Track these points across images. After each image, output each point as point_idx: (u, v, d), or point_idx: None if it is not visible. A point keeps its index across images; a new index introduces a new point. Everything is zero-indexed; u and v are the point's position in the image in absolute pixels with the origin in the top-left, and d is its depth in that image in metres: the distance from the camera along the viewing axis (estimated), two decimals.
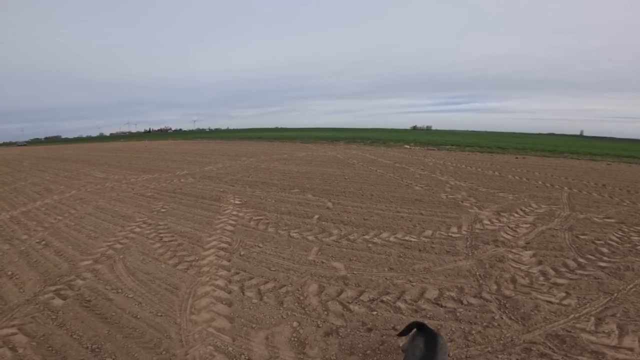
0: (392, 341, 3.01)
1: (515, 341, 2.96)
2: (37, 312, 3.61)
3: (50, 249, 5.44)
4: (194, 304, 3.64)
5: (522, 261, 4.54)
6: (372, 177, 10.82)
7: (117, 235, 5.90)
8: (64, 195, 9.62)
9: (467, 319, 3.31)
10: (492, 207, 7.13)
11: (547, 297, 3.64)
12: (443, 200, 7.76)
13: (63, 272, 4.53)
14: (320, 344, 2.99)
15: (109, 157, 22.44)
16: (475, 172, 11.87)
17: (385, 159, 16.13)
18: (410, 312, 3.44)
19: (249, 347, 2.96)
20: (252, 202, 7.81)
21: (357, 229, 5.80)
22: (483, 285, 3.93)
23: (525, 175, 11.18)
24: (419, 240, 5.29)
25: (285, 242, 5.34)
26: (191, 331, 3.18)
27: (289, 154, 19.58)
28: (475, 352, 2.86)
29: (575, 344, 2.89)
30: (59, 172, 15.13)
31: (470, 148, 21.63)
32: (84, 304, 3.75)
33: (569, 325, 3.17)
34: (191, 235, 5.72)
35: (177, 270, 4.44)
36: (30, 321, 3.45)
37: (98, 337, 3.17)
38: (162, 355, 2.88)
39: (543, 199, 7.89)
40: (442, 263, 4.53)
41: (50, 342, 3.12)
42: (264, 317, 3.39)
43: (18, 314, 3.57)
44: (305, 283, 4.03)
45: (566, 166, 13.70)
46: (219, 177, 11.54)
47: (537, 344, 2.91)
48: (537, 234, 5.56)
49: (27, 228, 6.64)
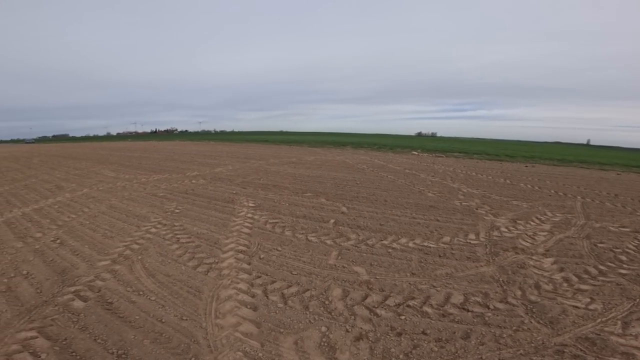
0: (424, 345, 2.98)
1: (547, 344, 3.01)
2: (56, 315, 3.50)
3: (66, 247, 5.41)
4: (218, 308, 3.60)
5: (543, 268, 4.56)
6: (384, 183, 10.79)
7: (133, 235, 5.89)
8: (76, 194, 9.65)
9: (496, 323, 3.31)
10: (508, 214, 7.09)
11: (573, 302, 3.70)
12: (457, 207, 7.72)
13: (81, 273, 4.47)
14: (351, 348, 2.96)
15: (118, 156, 22.55)
16: (487, 179, 11.82)
17: (395, 165, 16.10)
18: (438, 317, 3.43)
19: (278, 352, 2.93)
20: (266, 205, 7.81)
21: (375, 234, 5.78)
22: (508, 291, 3.94)
23: (537, 183, 11.12)
24: (438, 246, 5.26)
25: (303, 245, 5.32)
26: (218, 336, 3.14)
27: (298, 157, 19.59)
28: (508, 354, 2.87)
29: (605, 346, 2.98)
30: (69, 170, 15.21)
31: (478, 155, 21.55)
32: (106, 306, 3.67)
33: (597, 328, 3.24)
34: (208, 237, 5.70)
35: (197, 273, 4.42)
36: (50, 324, 3.34)
37: (123, 341, 3.08)
38: None
39: (557, 207, 7.84)
40: (463, 269, 4.51)
41: (73, 347, 3.02)
42: (291, 321, 3.36)
43: (37, 316, 3.47)
44: (329, 287, 4.00)
45: (576, 175, 13.62)
46: (230, 179, 11.55)
47: (569, 346, 2.97)
48: (555, 241, 5.57)
49: (41, 226, 6.64)
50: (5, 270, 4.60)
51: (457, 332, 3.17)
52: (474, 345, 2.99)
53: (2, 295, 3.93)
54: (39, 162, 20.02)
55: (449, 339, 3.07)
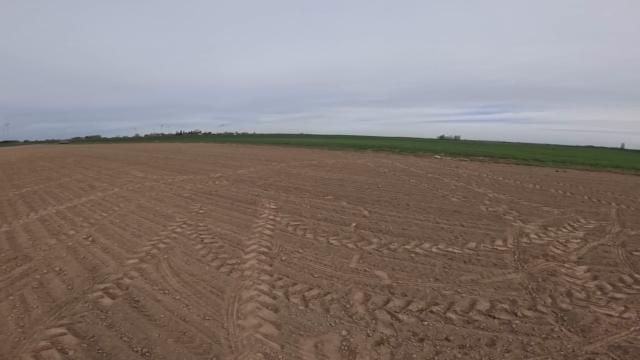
0: (448, 352, 2.91)
1: (577, 352, 2.91)
2: (86, 311, 3.58)
3: (97, 245, 5.61)
4: (239, 309, 3.63)
5: (576, 276, 4.40)
6: (406, 187, 10.64)
7: (160, 234, 6.06)
8: (107, 193, 10.05)
9: (524, 331, 3.21)
10: (538, 221, 6.82)
11: (606, 311, 3.58)
12: (483, 212, 7.51)
13: (111, 270, 4.61)
14: (371, 353, 2.92)
15: (146, 157, 23.35)
16: (514, 184, 11.44)
17: (417, 168, 15.86)
18: (462, 323, 3.34)
19: (298, 355, 2.92)
20: (287, 207, 7.86)
21: (397, 239, 5.69)
22: (537, 298, 3.81)
23: (569, 189, 10.66)
24: (463, 252, 5.12)
25: (325, 248, 5.31)
26: (239, 337, 3.16)
27: (318, 160, 19.64)
28: None
29: (637, 354, 2.89)
30: (101, 170, 15.88)
31: (504, 160, 20.90)
32: (132, 304, 3.76)
33: (630, 337, 3.14)
34: (231, 238, 5.79)
35: (220, 273, 4.49)
36: (79, 320, 3.42)
37: (148, 340, 3.14)
38: None
39: (591, 214, 7.50)
40: (490, 275, 4.38)
41: (100, 344, 3.07)
42: (312, 324, 3.35)
43: (66, 313, 3.56)
44: (350, 291, 3.97)
45: (611, 181, 12.98)
46: (252, 181, 11.71)
47: (600, 354, 2.88)
48: (588, 249, 5.35)
49: (74, 223, 6.94)
50: (39, 267, 4.79)
51: (482, 339, 3.08)
52: (500, 352, 2.90)
53: (34, 291, 4.08)
54: (73, 162, 21.01)
55: (474, 346, 2.99)
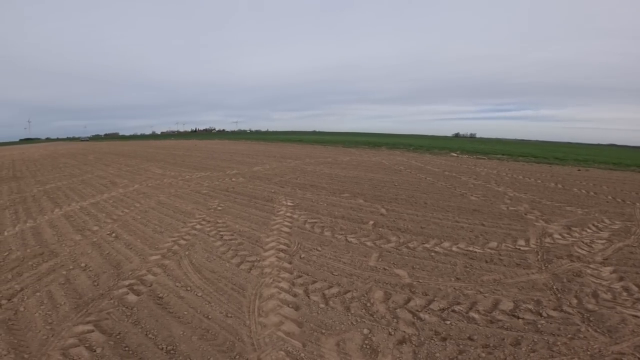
0: (471, 351, 2.88)
1: (604, 352, 2.88)
2: (112, 308, 3.64)
3: (121, 241, 5.75)
4: (261, 306, 3.66)
5: (601, 277, 4.30)
6: (423, 185, 10.53)
7: (180, 231, 6.17)
8: (128, 189, 10.29)
9: (550, 331, 3.17)
10: (561, 221, 6.66)
11: (632, 312, 3.52)
12: (504, 211, 7.36)
13: (135, 266, 4.70)
14: (393, 352, 2.91)
15: (164, 154, 23.76)
16: (535, 183, 11.17)
17: (433, 166, 15.66)
18: (486, 323, 3.30)
19: (320, 353, 2.94)
20: (304, 205, 7.88)
21: (416, 237, 5.65)
22: (562, 299, 3.75)
23: (592, 189, 10.34)
24: (484, 252, 5.05)
25: (343, 246, 5.31)
26: (261, 334, 3.19)
27: (333, 157, 19.61)
28: None
29: None
30: (121, 167, 16.26)
31: (524, 158, 20.42)
32: (157, 300, 3.81)
33: None
34: (250, 235, 5.85)
35: (240, 270, 4.53)
36: (105, 317, 3.47)
37: (173, 337, 3.18)
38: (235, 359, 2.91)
39: (616, 214, 7.26)
40: (513, 275, 4.30)
41: (126, 342, 3.11)
42: (333, 322, 3.36)
43: (93, 309, 3.63)
44: (370, 289, 3.96)
45: (635, 180, 12.51)
46: (268, 178, 11.79)
47: (627, 354, 2.85)
48: (614, 250, 5.21)
49: (97, 219, 7.12)
50: (65, 262, 4.92)
51: (506, 339, 3.04)
52: (525, 352, 2.85)
53: (61, 287, 4.19)
54: (94, 159, 21.57)
55: (498, 345, 2.95)
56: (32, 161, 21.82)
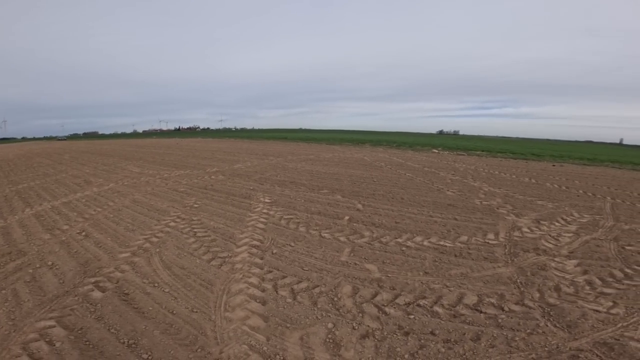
0: (432, 346, 2.92)
1: (562, 348, 2.90)
2: (75, 305, 3.61)
3: (90, 240, 5.62)
4: (228, 301, 3.65)
5: (566, 270, 4.39)
6: (402, 181, 10.64)
7: (153, 228, 6.07)
8: (103, 188, 10.04)
9: (510, 326, 3.21)
10: (531, 215, 6.83)
11: (593, 306, 3.57)
12: (477, 206, 7.51)
13: (103, 264, 4.62)
14: (356, 346, 2.93)
15: (144, 153, 23.30)
16: (510, 179, 11.44)
17: (414, 162, 15.85)
18: (449, 317, 3.35)
19: (283, 347, 2.94)
20: (282, 201, 7.86)
21: (389, 232, 5.70)
22: (525, 293, 3.81)
23: (565, 183, 10.66)
24: (455, 246, 5.13)
25: (316, 242, 5.32)
26: (226, 329, 3.18)
27: (316, 155, 19.61)
28: (519, 358, 2.78)
29: (623, 352, 2.85)
30: (97, 166, 15.85)
31: (502, 154, 20.89)
32: (122, 297, 3.78)
33: (617, 333, 3.12)
34: (224, 232, 5.79)
35: (211, 266, 4.50)
36: (68, 314, 3.45)
37: (135, 332, 3.16)
38: (197, 353, 2.88)
39: (585, 208, 7.50)
40: (480, 269, 4.38)
41: (87, 336, 3.11)
42: (299, 317, 3.36)
43: (57, 306, 3.59)
44: (339, 284, 3.98)
45: (607, 175, 12.98)
46: (248, 175, 11.70)
47: (585, 351, 2.87)
48: (580, 243, 5.35)
49: (68, 218, 6.93)
50: (32, 261, 4.80)
51: (467, 334, 3.09)
52: (484, 347, 2.90)
53: (26, 285, 4.09)
54: (70, 158, 20.97)
55: (458, 340, 3.00)
56: (6, 161, 21.07)
